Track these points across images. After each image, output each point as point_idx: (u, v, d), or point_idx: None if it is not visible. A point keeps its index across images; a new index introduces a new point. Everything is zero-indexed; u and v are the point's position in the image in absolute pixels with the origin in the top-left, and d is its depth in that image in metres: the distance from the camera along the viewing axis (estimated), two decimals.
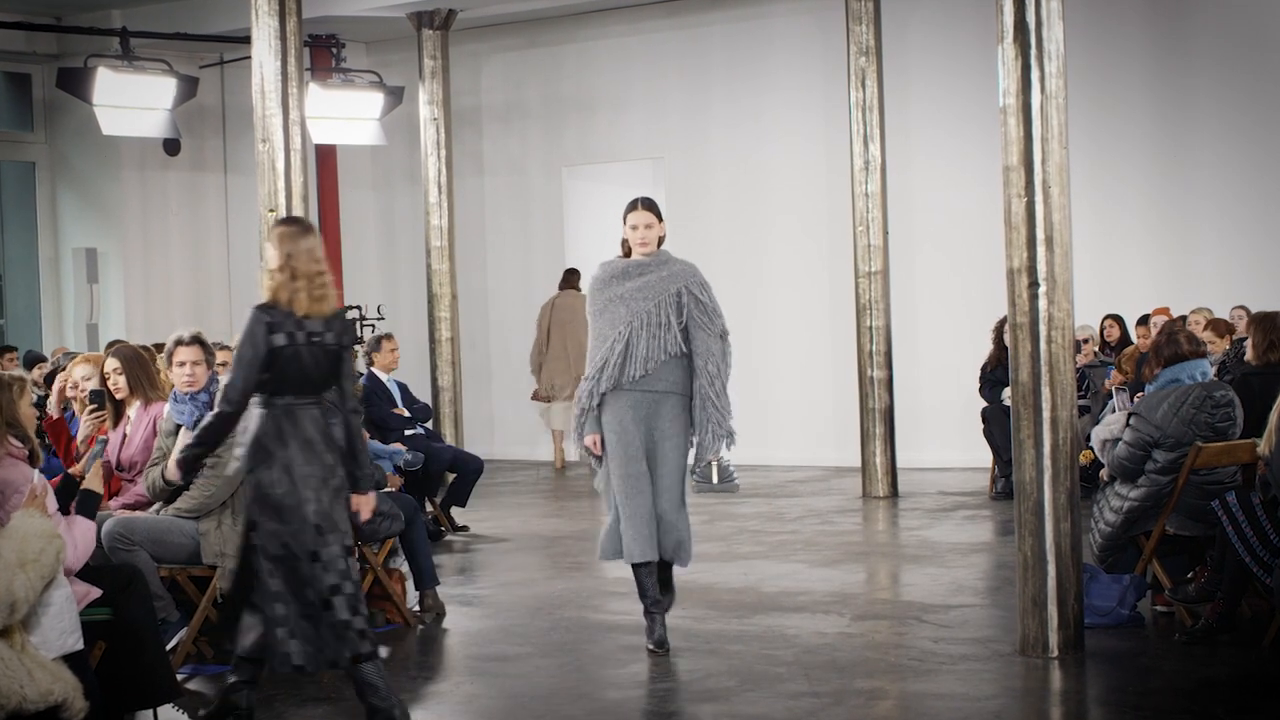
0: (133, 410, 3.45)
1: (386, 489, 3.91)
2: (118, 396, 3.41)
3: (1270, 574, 3.09)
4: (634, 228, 3.23)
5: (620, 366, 3.16)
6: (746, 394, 7.19)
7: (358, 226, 7.65)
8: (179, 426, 3.31)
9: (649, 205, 3.26)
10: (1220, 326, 4.64)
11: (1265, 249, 5.97)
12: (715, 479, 3.35)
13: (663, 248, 3.25)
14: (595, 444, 3.20)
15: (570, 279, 6.83)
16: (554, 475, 6.82)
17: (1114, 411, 3.72)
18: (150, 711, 2.74)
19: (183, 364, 3.27)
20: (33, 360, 5.82)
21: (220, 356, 4.31)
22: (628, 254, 3.26)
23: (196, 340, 3.30)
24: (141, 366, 3.46)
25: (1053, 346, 3.12)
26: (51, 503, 2.60)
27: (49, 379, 3.86)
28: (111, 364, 3.47)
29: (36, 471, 2.63)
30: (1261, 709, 2.80)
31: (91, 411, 3.39)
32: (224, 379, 3.43)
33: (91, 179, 7.13)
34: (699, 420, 3.19)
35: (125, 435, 3.46)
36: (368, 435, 4.13)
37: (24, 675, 2.37)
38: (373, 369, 5.13)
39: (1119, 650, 3.19)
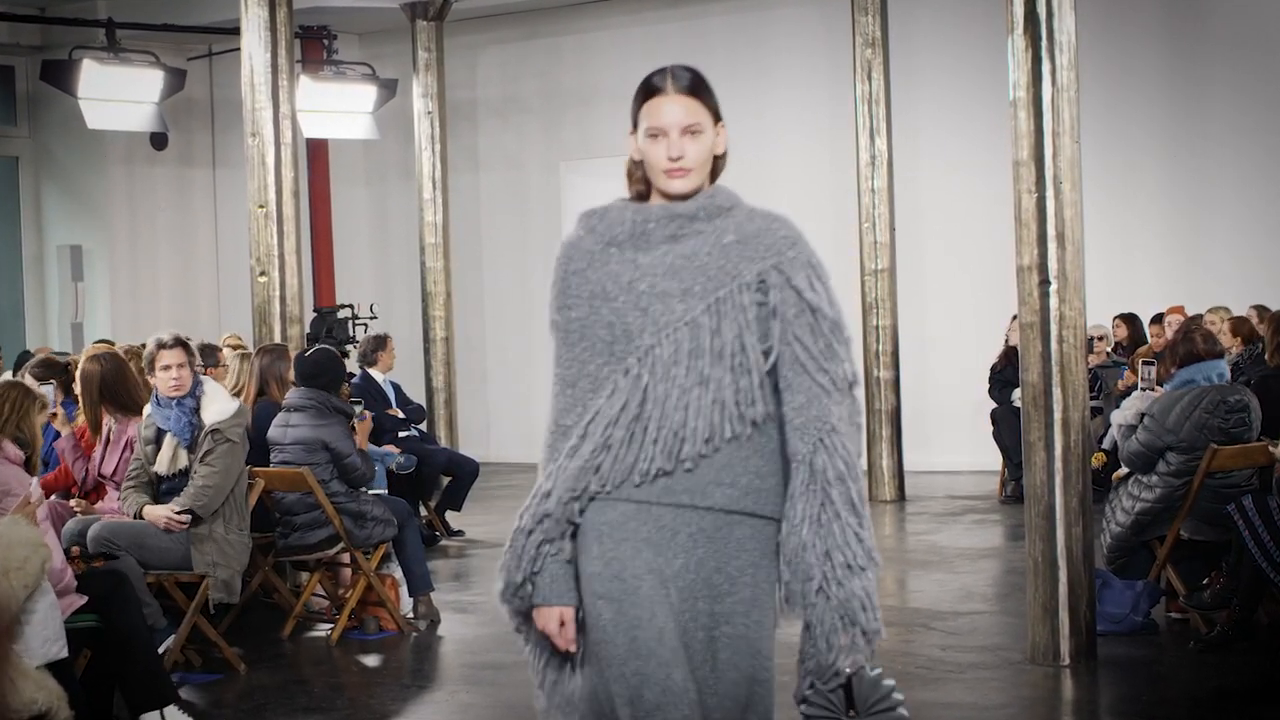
0: (110, 423, 3.33)
1: (377, 491, 3.83)
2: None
3: None
4: (654, 134, 1.40)
5: (623, 448, 1.37)
6: None
7: (350, 223, 7.55)
8: (160, 431, 3.22)
9: (690, 85, 1.41)
10: (1244, 326, 4.56)
11: None
12: (854, 711, 1.34)
13: (719, 184, 1.45)
14: (567, 627, 1.40)
15: None
16: None
17: (1139, 389, 3.59)
18: (157, 713, 2.67)
19: (167, 367, 3.17)
20: (23, 361, 5.72)
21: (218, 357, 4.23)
22: (640, 195, 1.45)
23: (178, 342, 3.20)
24: (120, 379, 3.33)
25: (1064, 346, 3.05)
26: (41, 513, 2.56)
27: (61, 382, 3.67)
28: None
29: (35, 480, 2.61)
30: (1278, 718, 2.74)
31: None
32: (208, 383, 3.31)
33: (76, 174, 7.03)
34: (801, 581, 1.37)
35: (108, 444, 3.36)
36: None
37: (6, 684, 2.30)
38: (368, 369, 5.04)
39: (1132, 658, 3.13)
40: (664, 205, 1.45)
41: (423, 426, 5.26)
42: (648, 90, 1.45)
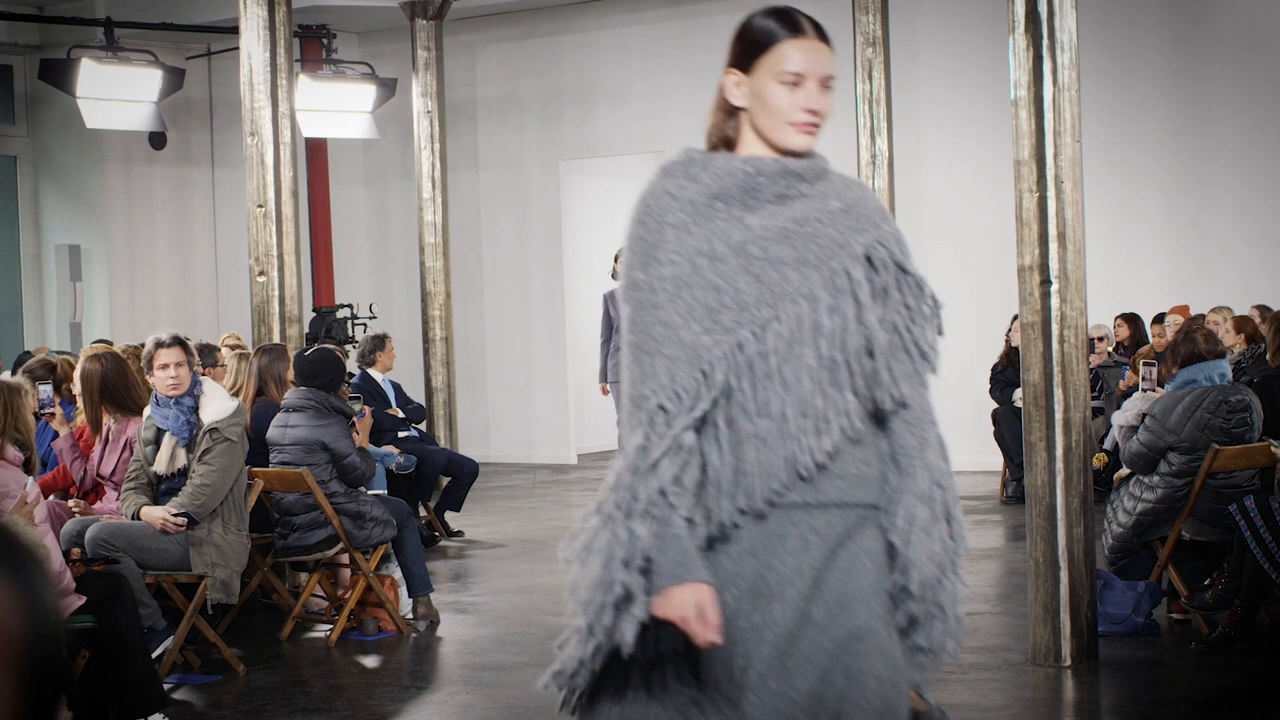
0: (110, 422, 3.32)
1: (376, 491, 3.82)
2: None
3: None
4: (790, 79, 1.26)
5: (780, 442, 1.21)
6: None
7: (349, 222, 7.53)
8: (160, 431, 3.21)
9: (826, 34, 1.29)
10: (1247, 324, 4.55)
11: None
12: None
13: None
14: (709, 610, 1.18)
15: None
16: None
17: (1140, 389, 3.58)
18: None
19: (165, 366, 3.16)
20: (23, 361, 5.69)
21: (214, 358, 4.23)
22: (726, 144, 1.29)
23: (177, 341, 3.19)
24: (119, 378, 3.31)
25: (1065, 346, 3.04)
26: (39, 513, 2.55)
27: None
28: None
29: (30, 480, 2.60)
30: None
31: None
32: (207, 383, 3.30)
33: (75, 173, 7.01)
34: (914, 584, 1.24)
35: (107, 444, 3.35)
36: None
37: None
38: (367, 369, 5.03)
39: (1133, 659, 3.12)
40: (777, 159, 1.27)
41: (422, 426, 5.23)
42: (777, 30, 1.26)
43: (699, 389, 1.20)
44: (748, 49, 1.28)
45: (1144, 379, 3.57)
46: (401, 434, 4.90)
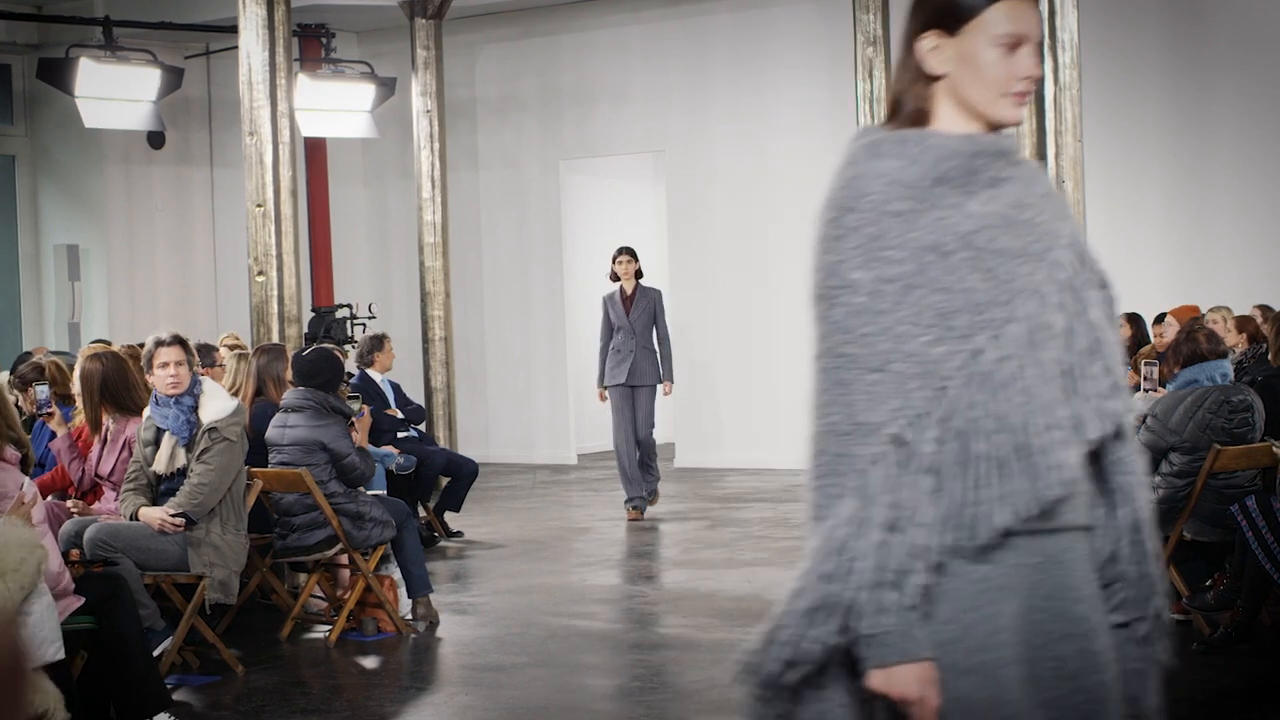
0: (109, 422, 3.31)
1: (376, 492, 3.81)
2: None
3: None
4: (1012, 41, 1.09)
5: (1021, 461, 1.05)
6: (752, 395, 6.90)
7: (348, 222, 7.52)
8: (160, 431, 3.20)
9: None
10: (1249, 324, 4.55)
11: None
12: None
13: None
14: (931, 690, 1.04)
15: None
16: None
17: (1141, 390, 3.56)
18: None
19: (165, 365, 3.16)
20: (22, 362, 5.67)
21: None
22: (918, 119, 1.12)
23: (177, 340, 3.18)
24: (119, 377, 3.30)
25: None
26: (38, 513, 2.55)
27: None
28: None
29: (27, 479, 2.60)
30: None
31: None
32: (207, 382, 3.29)
33: (73, 173, 7.00)
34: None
35: (106, 443, 3.34)
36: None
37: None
38: (366, 369, 5.02)
39: None
40: (992, 138, 1.09)
41: (421, 427, 5.21)
42: None
43: (937, 410, 1.02)
44: (953, 9, 1.09)
45: (1145, 379, 3.57)
46: (401, 434, 4.90)
